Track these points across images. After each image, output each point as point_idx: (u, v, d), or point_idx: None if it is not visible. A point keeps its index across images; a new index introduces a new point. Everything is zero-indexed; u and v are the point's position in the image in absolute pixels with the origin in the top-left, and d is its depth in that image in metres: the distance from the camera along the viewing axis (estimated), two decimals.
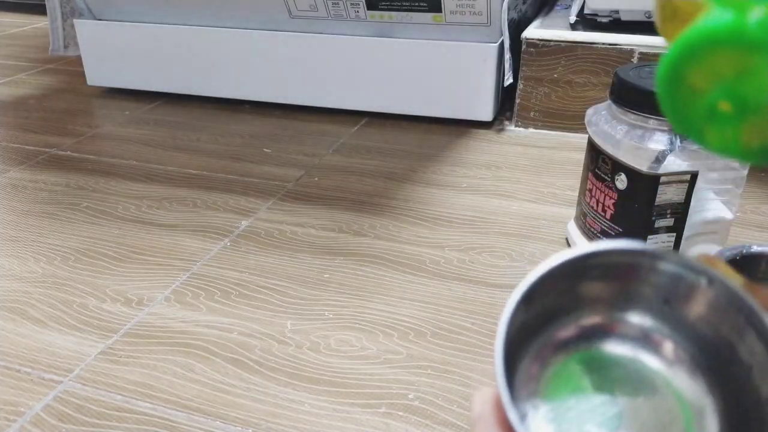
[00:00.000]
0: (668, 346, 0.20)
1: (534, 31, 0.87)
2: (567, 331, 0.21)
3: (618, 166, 0.51)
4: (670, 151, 0.48)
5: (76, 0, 1.05)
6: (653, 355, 0.21)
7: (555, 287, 0.21)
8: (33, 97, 1.07)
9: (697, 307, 0.20)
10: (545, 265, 0.20)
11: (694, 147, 0.49)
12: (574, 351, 0.21)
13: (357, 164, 0.80)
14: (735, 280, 0.19)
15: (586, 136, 0.56)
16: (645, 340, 0.21)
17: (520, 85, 0.89)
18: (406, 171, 0.78)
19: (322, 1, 0.88)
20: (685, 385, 0.20)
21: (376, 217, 0.67)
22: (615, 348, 0.21)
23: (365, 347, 0.48)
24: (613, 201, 0.53)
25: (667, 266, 0.20)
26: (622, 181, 0.51)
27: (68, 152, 0.85)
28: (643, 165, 0.49)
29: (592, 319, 0.21)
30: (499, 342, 0.19)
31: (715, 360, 0.20)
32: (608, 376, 0.21)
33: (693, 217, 0.52)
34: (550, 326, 0.21)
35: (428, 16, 0.86)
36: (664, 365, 0.20)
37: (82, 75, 1.09)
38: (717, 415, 0.19)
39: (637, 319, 0.21)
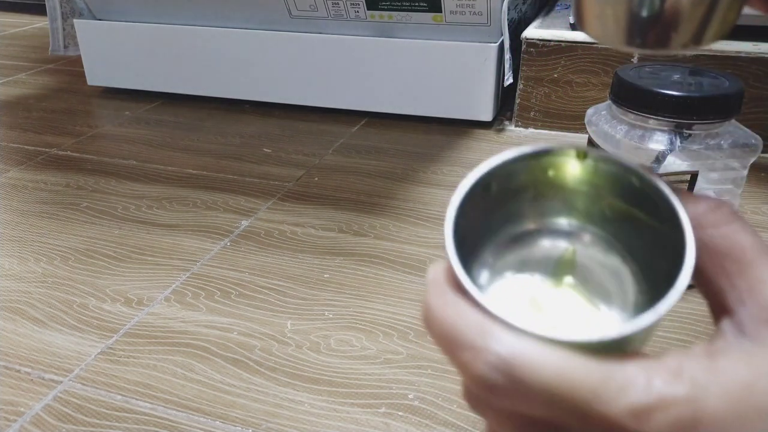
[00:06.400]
0: (586, 236, 0.23)
1: (534, 31, 0.87)
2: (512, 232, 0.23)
3: None
4: (670, 151, 0.48)
5: (76, 0, 1.05)
6: (574, 243, 0.23)
7: (508, 182, 0.22)
8: (33, 97, 1.07)
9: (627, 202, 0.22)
10: (501, 155, 0.21)
11: (694, 147, 0.49)
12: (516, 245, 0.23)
13: (357, 164, 0.80)
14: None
15: (586, 136, 0.56)
16: (568, 235, 0.23)
17: (520, 85, 0.89)
18: (406, 171, 0.78)
19: (322, 1, 0.88)
20: (601, 257, 0.22)
21: (376, 217, 0.67)
22: (545, 242, 0.23)
23: (365, 347, 0.48)
24: None
25: (603, 166, 0.22)
26: None
27: (68, 152, 0.85)
28: None
29: (528, 225, 0.23)
30: (453, 201, 0.20)
31: (629, 241, 0.22)
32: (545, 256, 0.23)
33: None
34: (502, 226, 0.23)
35: (428, 16, 0.86)
36: (582, 246, 0.23)
37: (82, 75, 1.09)
38: (632, 278, 0.21)
39: (563, 222, 0.23)
